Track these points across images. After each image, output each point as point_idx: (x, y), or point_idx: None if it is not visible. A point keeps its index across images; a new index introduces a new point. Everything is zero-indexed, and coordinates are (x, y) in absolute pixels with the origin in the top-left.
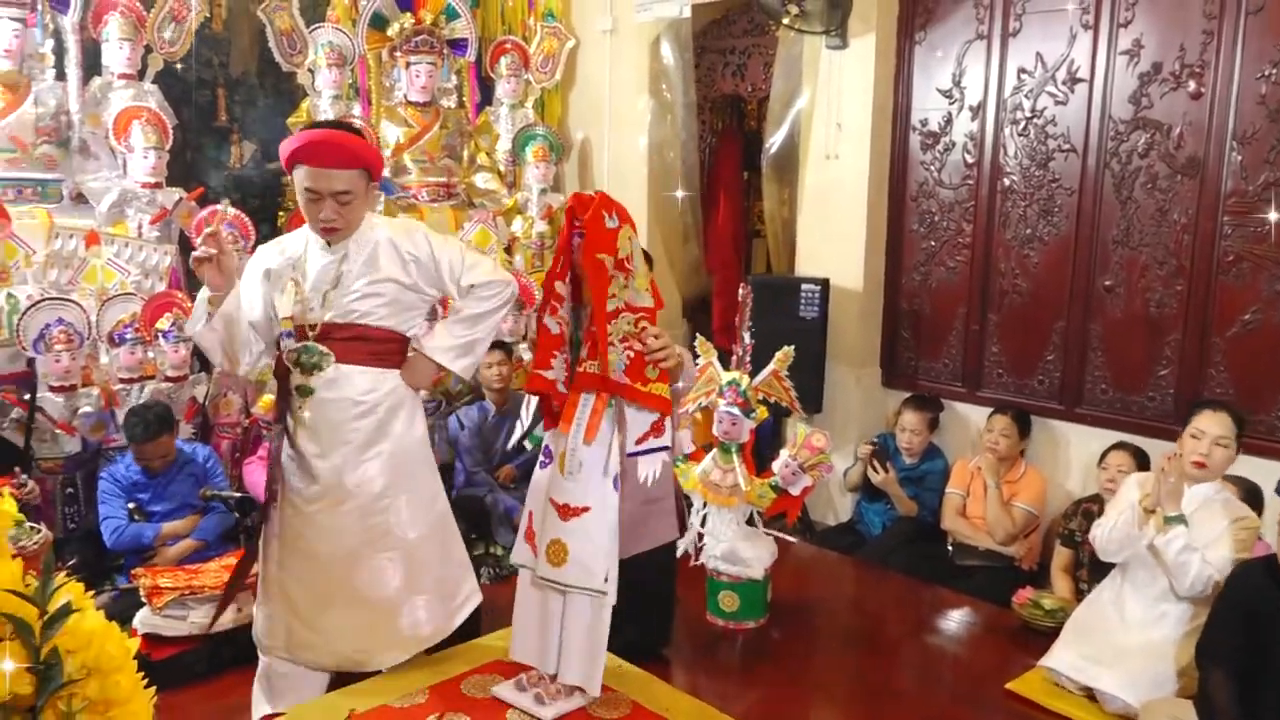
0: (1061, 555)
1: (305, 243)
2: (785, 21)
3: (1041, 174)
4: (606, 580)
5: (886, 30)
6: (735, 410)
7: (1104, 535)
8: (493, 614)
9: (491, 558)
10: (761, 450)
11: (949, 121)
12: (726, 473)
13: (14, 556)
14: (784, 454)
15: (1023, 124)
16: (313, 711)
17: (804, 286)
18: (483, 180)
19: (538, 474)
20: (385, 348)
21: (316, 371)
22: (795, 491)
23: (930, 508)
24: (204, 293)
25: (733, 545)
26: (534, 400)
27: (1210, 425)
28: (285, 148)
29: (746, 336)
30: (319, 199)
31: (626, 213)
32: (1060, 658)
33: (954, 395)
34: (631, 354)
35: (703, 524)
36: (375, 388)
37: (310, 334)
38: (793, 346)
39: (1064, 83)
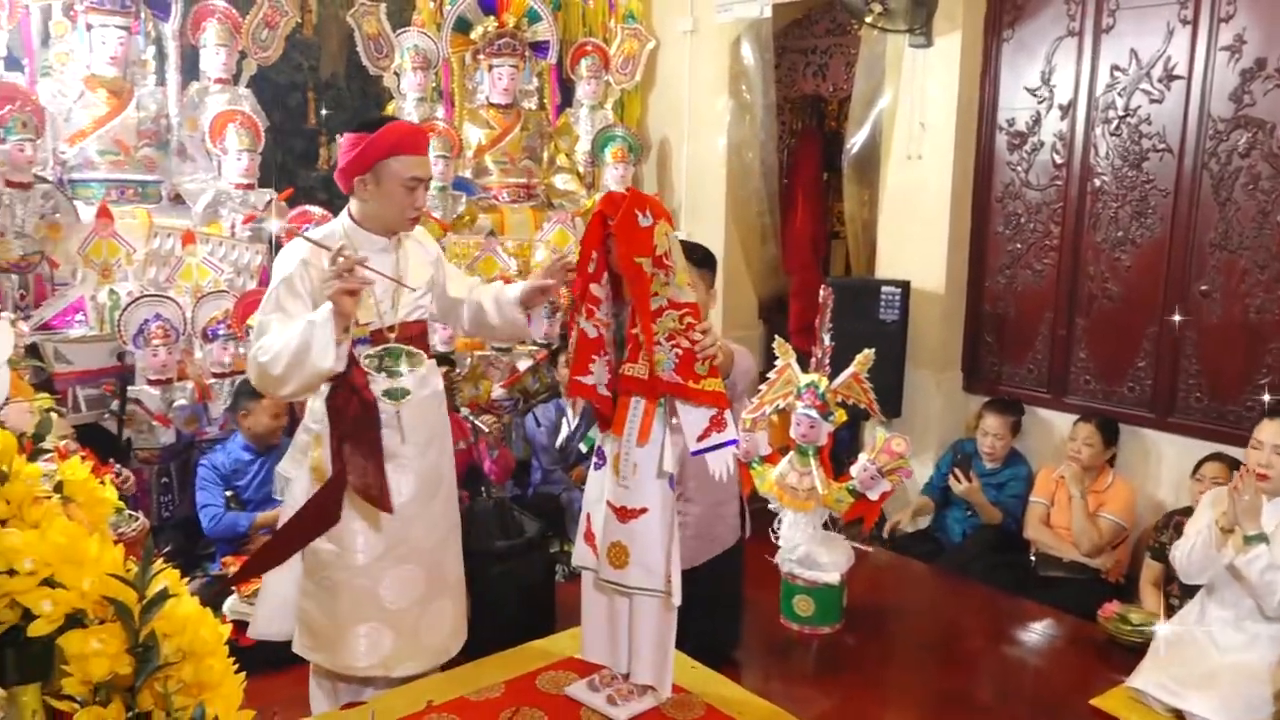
0: (1151, 569)
1: (350, 248)
2: (868, 20)
3: (1134, 175)
4: (669, 580)
5: (973, 28)
6: (813, 413)
7: (1183, 557)
8: (567, 611)
9: (566, 555)
10: (839, 454)
11: (1037, 121)
12: (803, 476)
13: (115, 543)
14: (862, 458)
15: (1115, 123)
16: (394, 700)
17: (884, 289)
18: (562, 181)
19: (592, 476)
20: (427, 337)
21: (407, 372)
22: (873, 497)
23: (1012, 515)
24: (325, 322)
25: (808, 549)
26: (580, 401)
27: (1270, 434)
28: (383, 142)
29: (826, 339)
30: (417, 187)
31: (661, 206)
32: (1147, 677)
33: (1038, 401)
34: (680, 351)
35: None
36: (438, 376)
37: (390, 336)
38: (872, 349)
39: (1160, 80)
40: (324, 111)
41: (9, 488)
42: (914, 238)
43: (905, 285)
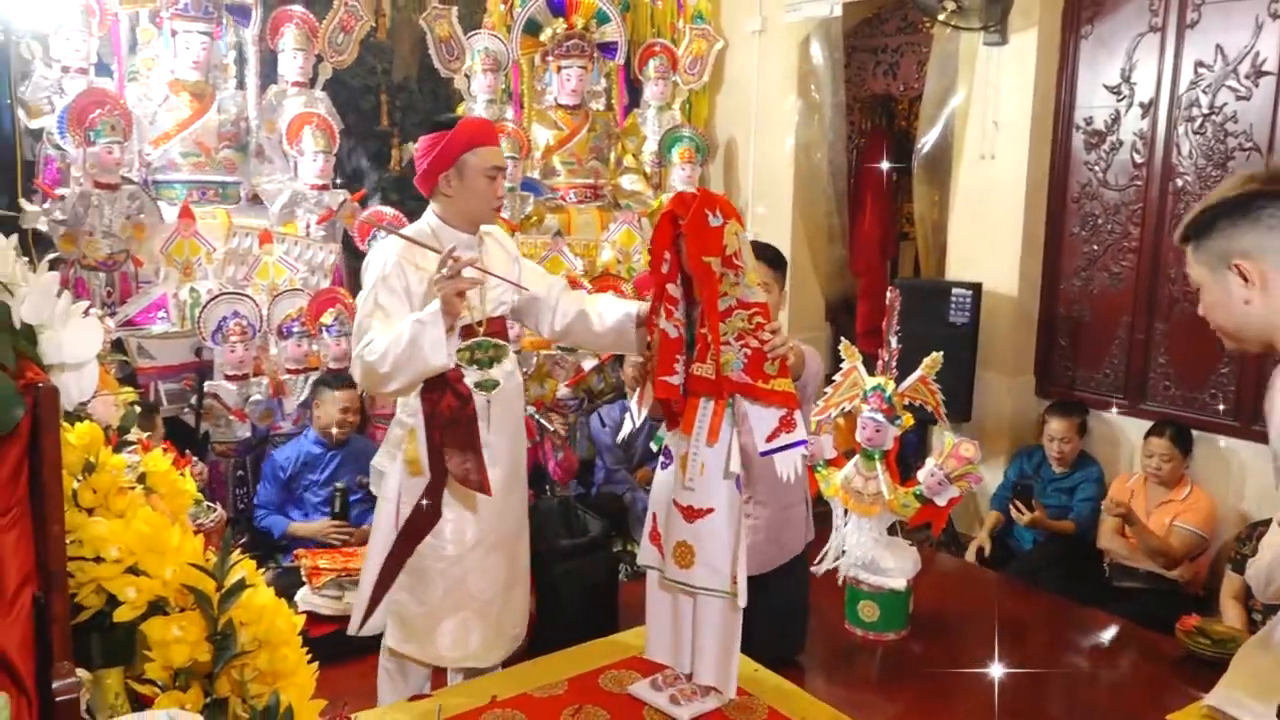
0: (1233, 581)
1: (434, 243)
2: (941, 18)
3: (1219, 174)
4: (735, 580)
5: (1050, 24)
6: (879, 416)
7: (1257, 574)
8: (630, 610)
9: (629, 554)
10: (906, 457)
11: (1116, 119)
12: (869, 480)
13: (194, 533)
14: (930, 463)
15: (1199, 121)
16: (459, 695)
17: (955, 291)
18: (629, 182)
19: (660, 475)
20: (508, 331)
21: (495, 364)
22: (941, 503)
23: (1083, 520)
24: (434, 320)
25: (874, 554)
26: (647, 400)
27: None
28: (461, 137)
29: (893, 341)
30: (497, 176)
31: (731, 206)
32: (1225, 695)
33: (1115, 407)
34: (749, 351)
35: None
36: (518, 369)
37: (479, 330)
38: (941, 352)
39: (1247, 77)
40: (397, 113)
41: (96, 478)
42: (986, 239)
43: (976, 287)
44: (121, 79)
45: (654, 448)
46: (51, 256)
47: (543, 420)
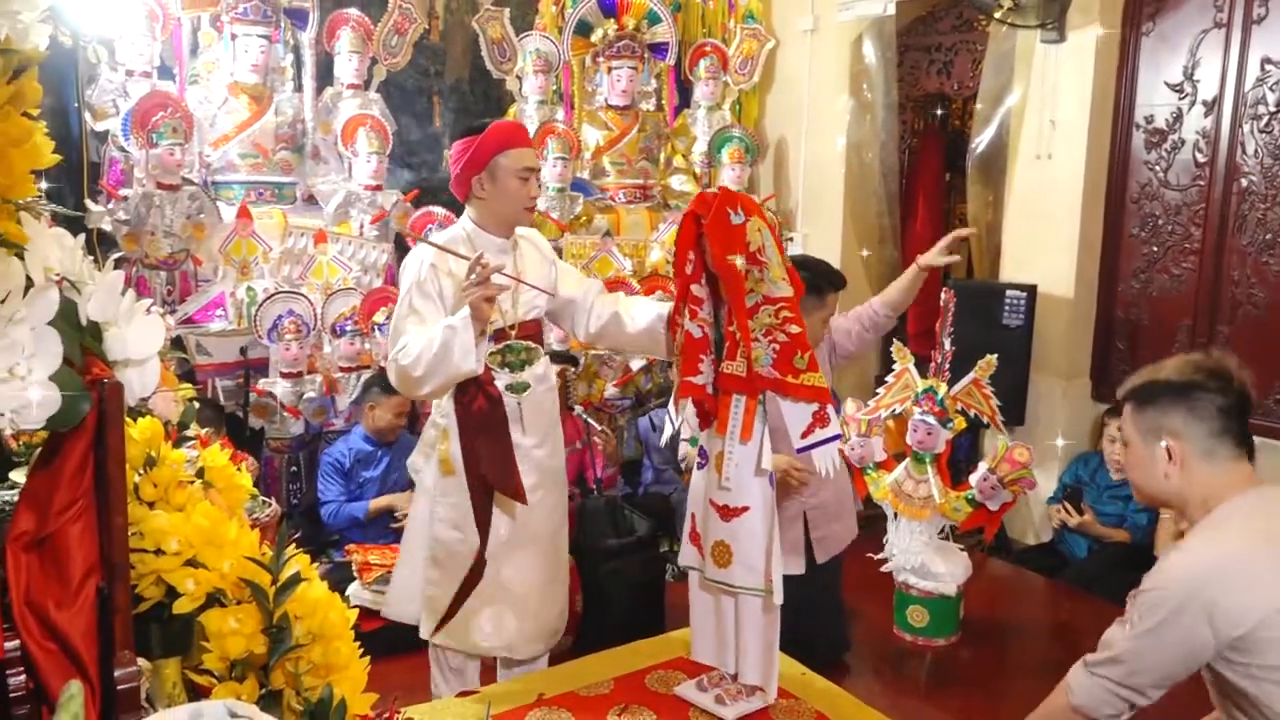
0: None
1: (468, 249)
2: (997, 16)
3: None
4: (770, 579)
5: (1110, 21)
6: (931, 419)
7: None
8: (676, 610)
9: (676, 554)
10: (957, 460)
11: (1178, 118)
12: (919, 484)
13: (250, 527)
14: (982, 467)
15: (1265, 119)
16: (506, 691)
17: (1009, 292)
18: (678, 182)
19: (696, 475)
20: (542, 334)
21: (527, 367)
22: (993, 507)
23: (1140, 528)
24: (465, 326)
25: (924, 559)
26: (686, 403)
27: None
28: (492, 139)
29: (946, 343)
30: (530, 177)
31: (753, 203)
32: None
33: None
34: (777, 346)
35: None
36: (552, 370)
37: (511, 333)
38: (995, 355)
39: None
40: (449, 115)
41: (157, 472)
42: (1042, 240)
43: (1031, 289)
44: (183, 82)
45: (689, 447)
46: (116, 256)
47: (591, 421)
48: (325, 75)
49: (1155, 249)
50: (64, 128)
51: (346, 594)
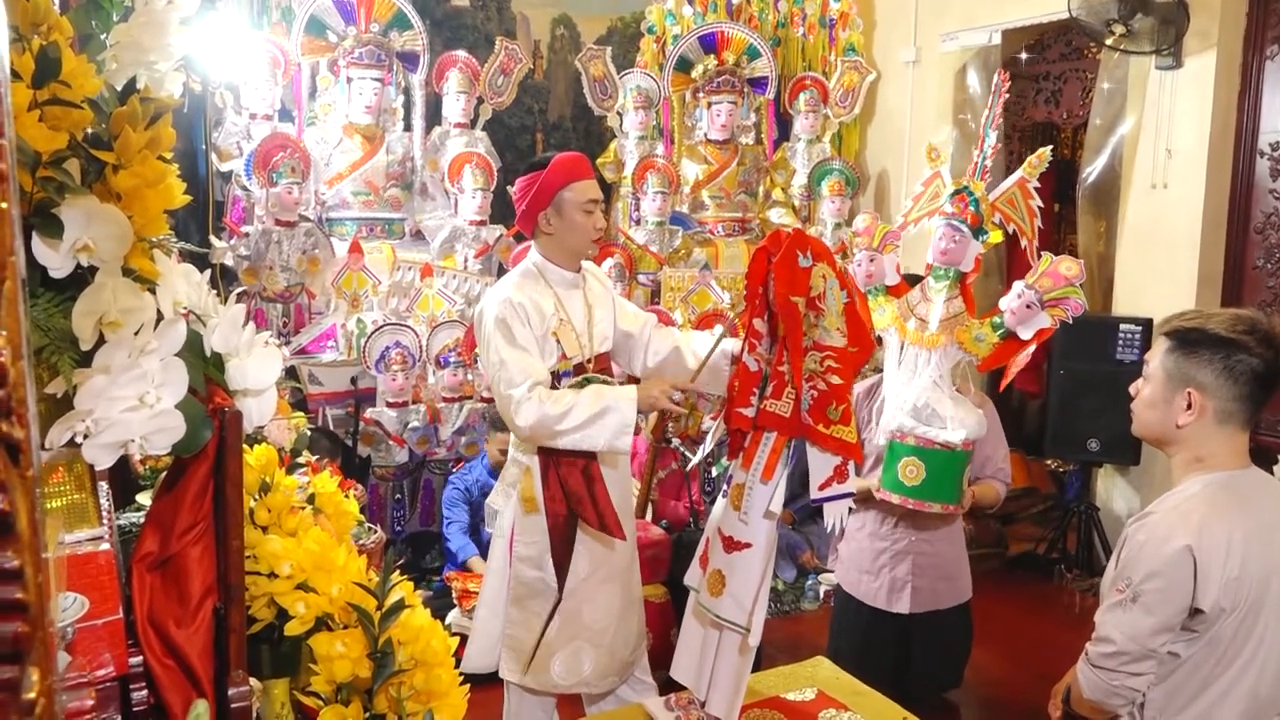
0: None
1: (541, 285)
2: (1109, 43)
3: None
4: (751, 618)
5: (1230, 46)
6: (962, 225)
7: None
8: (770, 647)
9: (770, 588)
10: (1066, 500)
11: None
12: (936, 306)
13: (357, 553)
14: (1018, 285)
15: None
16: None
17: (1123, 327)
18: (777, 215)
19: (720, 502)
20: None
21: None
22: (1026, 335)
23: None
24: (632, 406)
25: (928, 398)
26: (720, 428)
27: None
28: (556, 174)
29: (992, 136)
30: (594, 209)
31: (824, 248)
32: None
33: None
34: (815, 394)
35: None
36: None
37: (589, 367)
38: (1050, 148)
39: None
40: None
41: (271, 498)
42: (1157, 272)
43: (1147, 323)
44: (301, 124)
45: (715, 472)
46: (238, 290)
47: (687, 452)
48: (434, 115)
49: None
50: (192, 168)
51: (447, 622)
